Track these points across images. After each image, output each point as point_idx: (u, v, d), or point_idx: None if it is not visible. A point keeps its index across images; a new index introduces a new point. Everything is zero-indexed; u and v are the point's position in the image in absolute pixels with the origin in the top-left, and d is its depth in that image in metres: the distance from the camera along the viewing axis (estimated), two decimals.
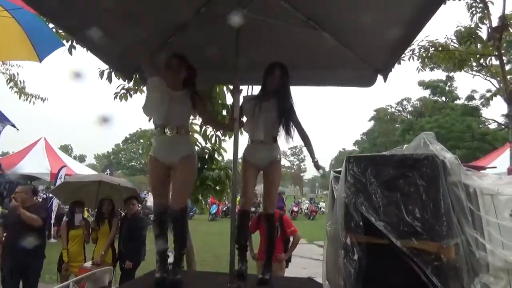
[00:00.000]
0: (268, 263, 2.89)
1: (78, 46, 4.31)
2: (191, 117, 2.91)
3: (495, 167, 6.17)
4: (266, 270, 2.82)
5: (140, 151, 45.45)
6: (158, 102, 2.55)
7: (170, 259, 2.86)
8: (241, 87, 2.72)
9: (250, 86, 3.01)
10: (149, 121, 2.90)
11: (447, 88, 30.31)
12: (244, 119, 2.87)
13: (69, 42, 4.29)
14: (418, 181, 1.93)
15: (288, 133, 2.79)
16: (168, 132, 2.56)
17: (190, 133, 2.89)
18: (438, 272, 1.78)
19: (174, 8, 2.54)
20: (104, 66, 4.15)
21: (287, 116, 2.77)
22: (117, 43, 2.77)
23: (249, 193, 2.85)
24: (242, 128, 2.91)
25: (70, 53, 4.29)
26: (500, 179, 2.33)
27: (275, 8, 2.44)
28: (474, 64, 8.48)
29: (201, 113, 2.85)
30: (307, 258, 8.56)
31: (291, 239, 4.69)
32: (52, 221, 9.60)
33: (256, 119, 2.75)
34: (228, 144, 4.40)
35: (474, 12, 6.64)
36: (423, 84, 29.95)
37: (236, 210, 2.79)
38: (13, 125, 5.43)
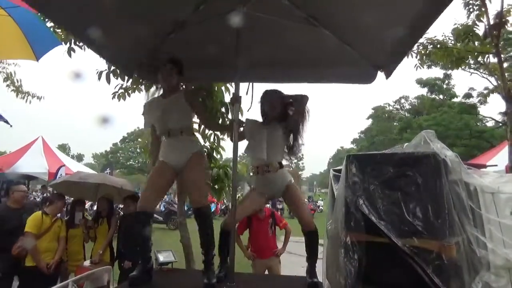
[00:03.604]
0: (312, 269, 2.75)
1: (77, 48, 4.28)
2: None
3: (496, 165, 6.17)
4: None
5: (138, 150, 45.30)
6: (153, 114, 2.68)
7: (167, 259, 3.03)
8: (240, 86, 2.69)
9: (250, 84, 3.00)
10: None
11: (444, 86, 30.42)
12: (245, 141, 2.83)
13: (68, 44, 4.24)
14: (419, 179, 1.93)
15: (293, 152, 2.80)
16: (173, 136, 2.60)
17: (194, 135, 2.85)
18: (439, 270, 1.78)
19: (173, 5, 2.51)
20: (102, 67, 4.10)
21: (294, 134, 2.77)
22: (116, 40, 2.74)
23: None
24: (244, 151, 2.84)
25: (70, 55, 4.25)
26: (501, 177, 2.33)
27: (276, 5, 2.41)
28: (472, 61, 8.46)
29: (198, 112, 2.85)
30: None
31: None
32: None
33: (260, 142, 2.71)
34: (226, 142, 4.38)
35: (471, 9, 6.63)
36: (421, 82, 30.07)
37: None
38: (6, 121, 5.36)
